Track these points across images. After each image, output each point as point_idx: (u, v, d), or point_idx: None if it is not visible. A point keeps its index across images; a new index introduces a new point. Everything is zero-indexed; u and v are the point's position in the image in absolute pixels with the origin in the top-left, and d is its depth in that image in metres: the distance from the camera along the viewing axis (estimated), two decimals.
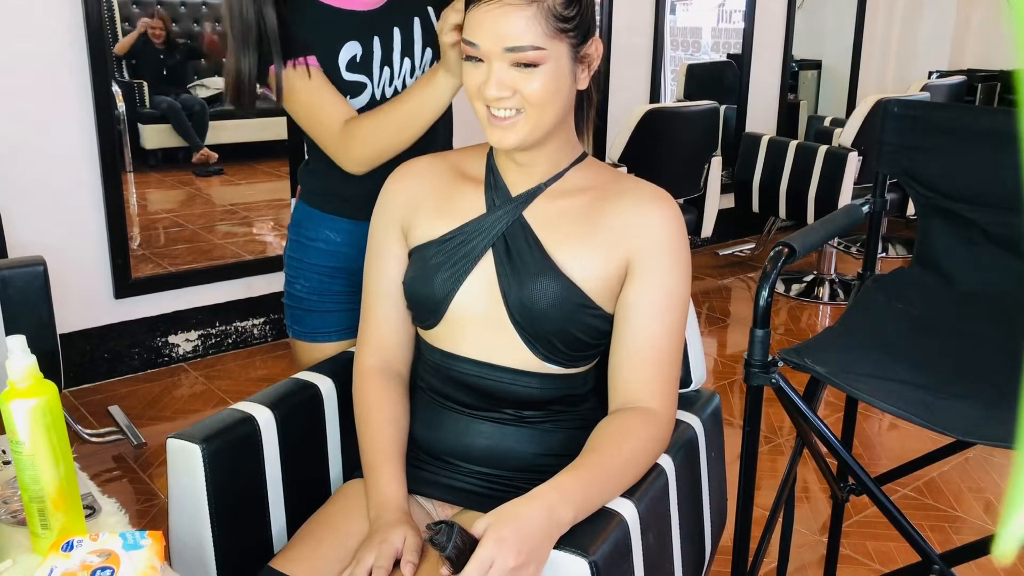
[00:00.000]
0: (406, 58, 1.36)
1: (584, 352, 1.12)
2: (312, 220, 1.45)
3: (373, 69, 1.34)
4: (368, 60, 1.33)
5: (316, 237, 1.44)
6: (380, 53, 1.34)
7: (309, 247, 1.45)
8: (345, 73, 1.32)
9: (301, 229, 1.46)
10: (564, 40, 1.02)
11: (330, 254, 1.44)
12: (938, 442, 1.58)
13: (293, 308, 1.49)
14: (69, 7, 2.64)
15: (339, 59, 1.31)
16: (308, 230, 1.45)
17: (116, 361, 2.97)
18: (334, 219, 1.43)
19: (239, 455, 1.13)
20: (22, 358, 0.91)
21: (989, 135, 1.40)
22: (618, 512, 0.99)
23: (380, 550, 1.01)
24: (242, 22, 1.25)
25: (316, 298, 1.45)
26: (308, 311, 1.46)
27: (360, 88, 1.34)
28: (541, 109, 1.03)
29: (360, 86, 1.34)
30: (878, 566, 2.01)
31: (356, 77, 1.33)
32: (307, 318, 1.47)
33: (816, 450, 1.46)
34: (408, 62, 1.36)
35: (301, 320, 1.48)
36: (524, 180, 1.13)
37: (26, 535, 0.96)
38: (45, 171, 2.70)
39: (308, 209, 1.46)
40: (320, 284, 1.45)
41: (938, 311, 1.44)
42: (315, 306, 1.46)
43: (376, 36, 1.33)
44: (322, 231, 1.44)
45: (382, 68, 1.34)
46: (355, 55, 1.32)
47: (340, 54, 1.31)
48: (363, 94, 1.34)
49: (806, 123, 5.17)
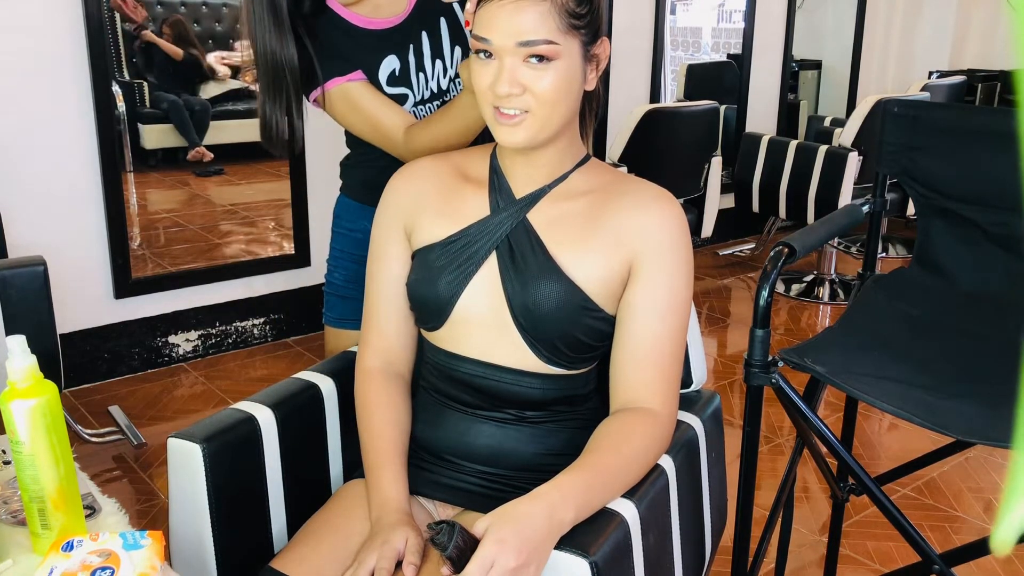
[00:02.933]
0: (437, 60, 1.42)
1: (586, 354, 1.12)
2: (351, 212, 1.53)
3: (411, 78, 1.40)
4: (406, 72, 1.39)
5: (355, 228, 1.52)
6: (414, 60, 1.39)
7: (348, 237, 1.53)
8: (386, 88, 1.38)
9: (342, 220, 1.55)
10: (576, 37, 1.02)
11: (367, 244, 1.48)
12: (938, 442, 1.58)
13: (330, 295, 1.57)
14: (69, 7, 2.64)
15: (379, 76, 1.37)
16: (348, 221, 1.54)
17: (116, 361, 2.97)
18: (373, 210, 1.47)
19: (239, 455, 1.13)
20: (22, 358, 0.91)
21: (989, 135, 1.41)
22: (619, 512, 0.99)
23: (382, 551, 1.01)
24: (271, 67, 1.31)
25: (352, 286, 1.52)
26: (343, 298, 1.54)
27: (403, 99, 1.40)
28: (551, 108, 1.03)
29: (402, 98, 1.40)
30: (878, 566, 2.01)
31: (397, 90, 1.39)
32: (340, 305, 1.55)
33: (816, 450, 1.46)
34: (440, 63, 1.42)
35: (335, 307, 1.56)
36: (528, 182, 1.12)
37: (26, 535, 0.96)
38: (45, 171, 2.70)
39: (348, 201, 1.55)
40: (356, 273, 1.50)
41: (938, 311, 1.44)
42: (350, 293, 1.52)
43: (411, 44, 1.39)
44: (360, 222, 1.50)
45: (418, 75, 1.40)
46: (394, 69, 1.38)
47: (380, 71, 1.37)
48: (405, 104, 1.40)
49: (806, 123, 5.17)
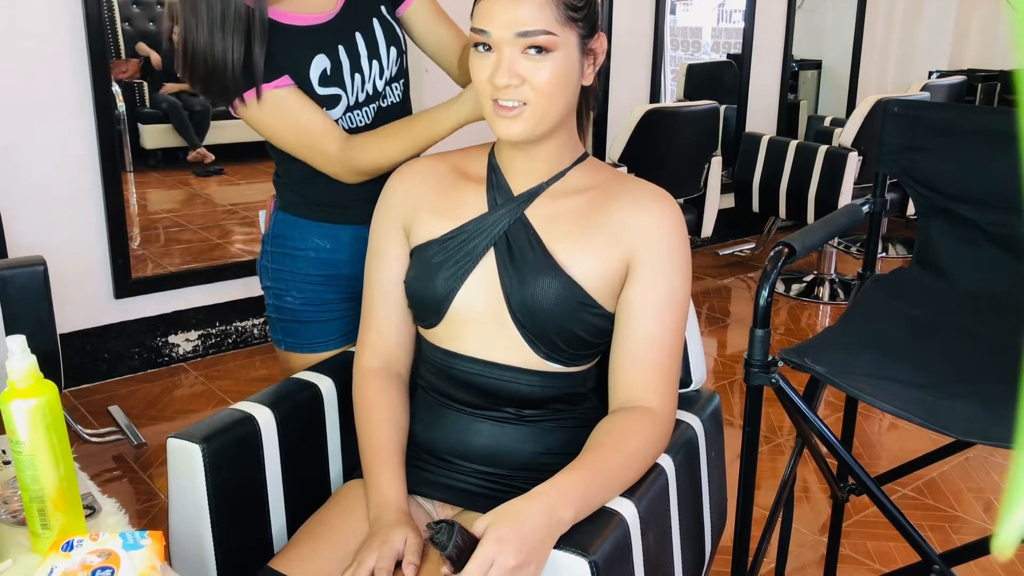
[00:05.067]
0: (373, 61, 1.35)
1: (585, 351, 1.12)
2: (298, 229, 1.42)
3: (344, 79, 1.32)
4: (338, 71, 1.32)
5: (305, 246, 1.41)
6: (348, 61, 1.32)
7: (298, 257, 1.41)
8: (318, 88, 1.30)
9: (286, 240, 1.42)
10: (574, 29, 1.02)
11: (321, 262, 1.41)
12: (938, 442, 1.58)
13: (285, 321, 1.44)
14: (69, 7, 2.64)
15: (310, 75, 1.29)
16: (294, 240, 1.42)
17: (116, 361, 2.97)
18: (322, 226, 1.41)
19: (239, 455, 1.13)
20: (22, 358, 0.91)
21: (989, 135, 1.41)
22: (618, 512, 0.99)
23: (381, 551, 1.01)
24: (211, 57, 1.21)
25: (310, 308, 1.42)
26: (302, 323, 1.43)
27: (335, 100, 1.32)
28: (549, 100, 1.03)
29: (335, 98, 1.32)
30: (878, 566, 2.01)
31: (329, 91, 1.31)
32: (301, 330, 1.43)
33: (816, 450, 1.46)
34: (376, 64, 1.35)
35: (294, 332, 1.44)
36: (526, 179, 1.13)
37: (26, 535, 0.96)
38: (45, 171, 2.70)
39: (292, 219, 1.42)
40: (313, 294, 1.42)
41: (938, 311, 1.44)
42: (309, 316, 1.42)
43: (340, 45, 1.32)
44: (311, 239, 1.41)
45: (353, 75, 1.33)
46: (324, 68, 1.30)
47: (310, 70, 1.29)
48: (339, 105, 1.33)
49: (806, 123, 5.17)
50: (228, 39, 1.20)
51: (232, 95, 1.26)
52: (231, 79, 1.23)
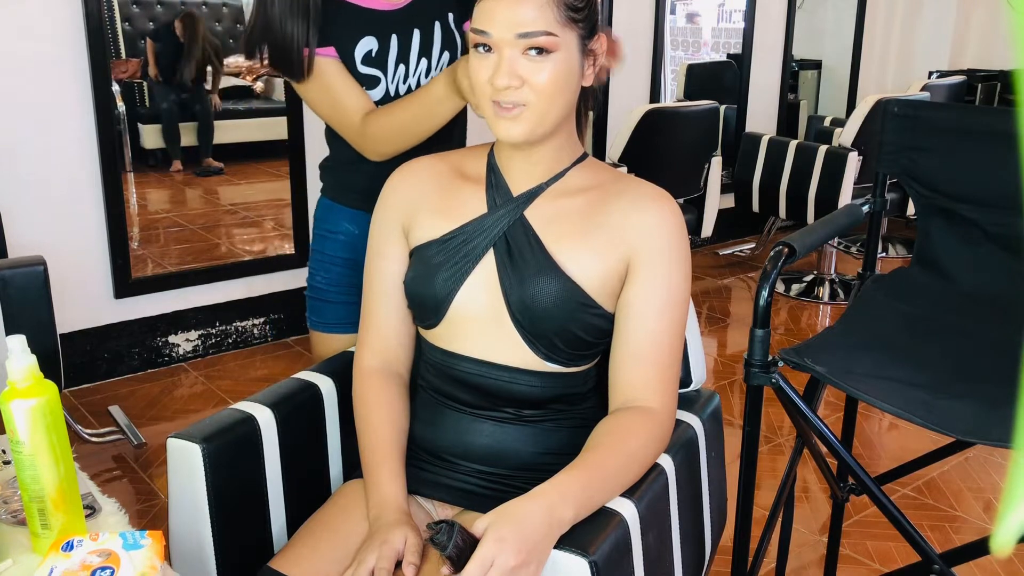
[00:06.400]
0: (423, 58, 1.41)
1: (585, 351, 1.12)
2: (332, 213, 1.51)
3: (388, 65, 1.39)
4: (384, 56, 1.38)
5: (336, 230, 1.50)
6: (397, 50, 1.39)
7: (329, 239, 1.50)
8: (360, 66, 1.37)
9: (323, 223, 1.52)
10: (574, 30, 1.03)
11: (349, 246, 1.49)
12: (938, 442, 1.58)
13: (313, 300, 1.53)
14: (69, 7, 2.64)
15: (355, 52, 1.36)
16: (329, 223, 1.51)
17: (116, 361, 2.97)
18: (353, 212, 1.48)
19: (239, 455, 1.13)
20: (22, 358, 0.91)
21: (989, 135, 1.41)
22: (618, 512, 0.99)
23: (381, 551, 1.01)
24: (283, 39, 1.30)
25: (335, 289, 1.50)
26: (327, 302, 1.51)
27: (374, 82, 1.39)
28: (549, 101, 1.03)
29: (374, 80, 1.39)
30: (878, 566, 2.01)
31: (370, 71, 1.38)
32: (326, 309, 1.51)
33: (816, 450, 1.46)
34: (425, 62, 1.42)
35: (320, 311, 1.52)
36: (525, 180, 1.13)
37: (26, 535, 0.96)
38: (45, 171, 2.70)
39: (328, 203, 1.52)
40: (339, 276, 1.49)
41: (938, 311, 1.44)
42: (334, 297, 1.50)
43: (394, 34, 1.38)
44: (342, 224, 1.49)
45: (397, 65, 1.40)
46: (371, 50, 1.37)
47: (357, 48, 1.36)
48: (377, 88, 1.39)
49: (806, 123, 5.17)
50: (297, 22, 1.29)
51: (300, 73, 1.34)
52: (299, 57, 1.31)
